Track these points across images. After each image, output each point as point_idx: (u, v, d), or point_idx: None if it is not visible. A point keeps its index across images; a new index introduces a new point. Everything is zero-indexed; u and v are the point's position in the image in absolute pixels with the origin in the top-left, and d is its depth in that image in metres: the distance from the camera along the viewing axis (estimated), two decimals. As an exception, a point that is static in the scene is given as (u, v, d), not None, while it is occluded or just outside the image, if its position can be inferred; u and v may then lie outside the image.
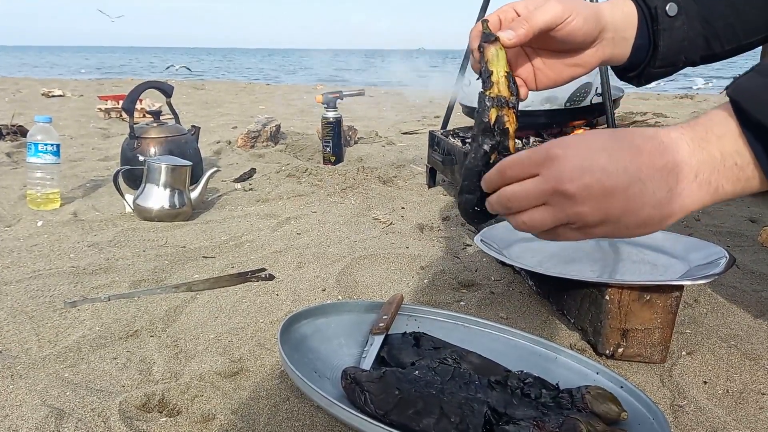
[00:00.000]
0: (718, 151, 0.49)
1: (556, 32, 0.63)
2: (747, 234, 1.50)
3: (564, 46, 0.66)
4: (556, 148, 0.52)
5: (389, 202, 1.82)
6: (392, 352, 0.83)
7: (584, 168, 0.50)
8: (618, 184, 0.50)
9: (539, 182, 0.53)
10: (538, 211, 0.54)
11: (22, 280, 1.20)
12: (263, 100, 5.34)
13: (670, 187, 0.50)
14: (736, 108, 0.49)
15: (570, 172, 0.50)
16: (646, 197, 0.50)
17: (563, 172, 0.51)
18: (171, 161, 1.64)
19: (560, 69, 0.68)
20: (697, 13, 0.68)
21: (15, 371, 0.87)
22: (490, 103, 0.61)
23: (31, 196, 1.75)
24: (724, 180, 0.50)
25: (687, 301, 1.09)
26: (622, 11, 0.68)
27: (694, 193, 0.50)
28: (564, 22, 0.62)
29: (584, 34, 0.64)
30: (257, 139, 2.67)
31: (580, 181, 0.50)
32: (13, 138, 2.81)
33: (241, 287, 1.18)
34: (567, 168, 0.51)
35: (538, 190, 0.53)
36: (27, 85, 6.76)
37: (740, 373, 0.88)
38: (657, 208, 0.50)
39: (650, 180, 0.50)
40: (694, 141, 0.50)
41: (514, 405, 0.69)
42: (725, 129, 0.50)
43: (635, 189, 0.50)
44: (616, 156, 0.50)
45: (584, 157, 0.50)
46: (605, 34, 0.66)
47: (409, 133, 3.26)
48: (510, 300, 1.11)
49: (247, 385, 0.85)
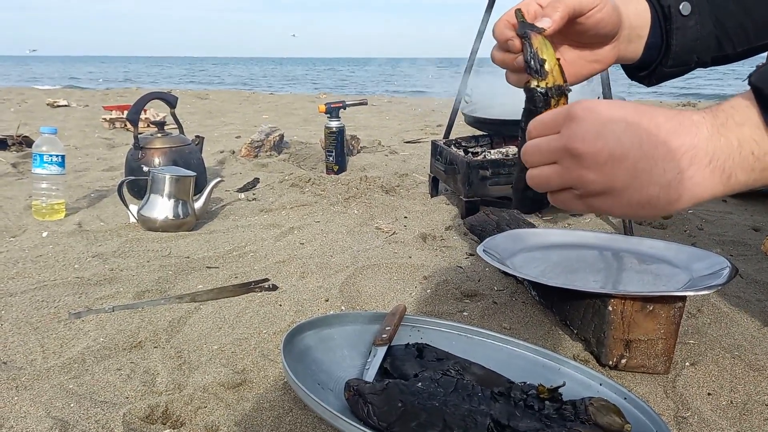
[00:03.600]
0: (736, 138, 0.49)
1: (587, 18, 0.61)
2: (750, 243, 1.50)
3: (590, 37, 0.64)
4: (578, 109, 0.51)
5: (392, 212, 1.82)
6: (395, 364, 0.83)
7: (599, 132, 0.49)
8: (628, 155, 0.49)
9: (554, 138, 0.52)
10: (546, 168, 0.53)
11: (27, 290, 1.21)
12: (266, 110, 5.36)
13: (681, 169, 0.49)
14: (759, 95, 0.49)
15: (584, 133, 0.50)
16: (654, 175, 0.49)
17: (577, 132, 0.50)
18: (175, 172, 1.65)
19: (581, 65, 0.67)
20: (709, 13, 0.68)
21: (20, 382, 0.87)
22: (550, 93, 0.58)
23: (36, 206, 1.76)
24: (738, 168, 0.49)
25: (690, 312, 1.09)
26: (635, 9, 0.68)
27: (706, 180, 0.49)
28: (596, 7, 0.61)
29: (613, 23, 0.64)
30: (261, 149, 2.69)
31: (591, 143, 0.49)
32: (18, 148, 2.83)
33: (244, 298, 1.18)
34: (582, 129, 0.50)
35: (551, 147, 0.52)
36: (32, 95, 6.81)
37: (744, 383, 0.87)
38: (664, 189, 0.49)
39: (662, 159, 0.49)
40: (713, 126, 0.49)
41: (518, 417, 0.69)
42: (746, 116, 0.49)
43: (644, 164, 0.49)
44: (634, 128, 0.49)
45: (603, 122, 0.50)
46: (622, 30, 0.66)
47: (412, 142, 3.27)
48: (513, 310, 1.11)
49: (250, 396, 0.85)
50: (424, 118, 4.60)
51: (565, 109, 0.52)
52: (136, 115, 1.88)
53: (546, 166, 0.53)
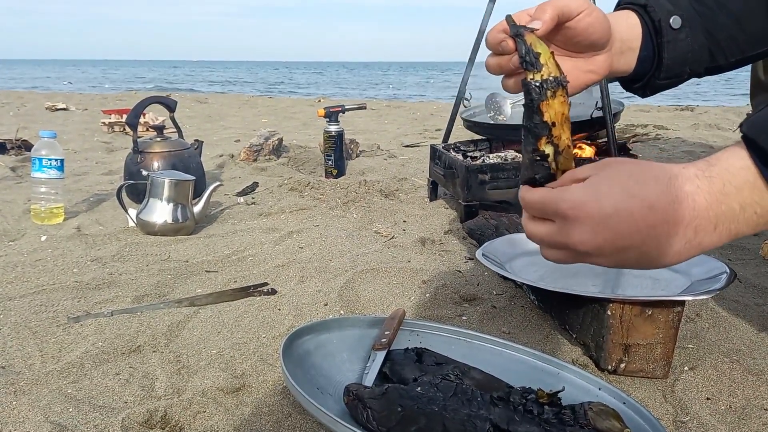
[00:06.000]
0: (738, 203, 0.50)
1: (577, 23, 0.62)
2: (749, 247, 1.50)
3: (581, 44, 0.65)
4: (567, 208, 0.53)
5: (391, 216, 1.82)
6: (395, 368, 0.83)
7: (595, 232, 0.52)
8: (631, 244, 0.52)
9: (554, 233, 0.55)
10: (556, 252, 0.56)
11: (26, 295, 1.21)
12: (265, 114, 5.37)
13: (688, 240, 0.51)
14: (752, 147, 0.50)
15: (580, 235, 0.52)
16: (661, 249, 0.52)
17: (574, 235, 0.53)
18: (174, 176, 1.65)
19: (577, 75, 0.67)
20: (700, 26, 0.69)
21: (18, 387, 0.87)
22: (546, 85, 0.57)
23: (35, 210, 1.76)
24: (743, 226, 0.51)
25: (689, 316, 1.09)
26: (626, 22, 0.68)
27: (714, 241, 0.52)
28: (584, 11, 0.62)
29: (602, 30, 0.64)
30: (260, 153, 2.69)
31: (591, 243, 0.52)
32: (17, 152, 2.83)
33: (243, 302, 1.18)
34: (578, 232, 0.52)
35: (554, 241, 0.55)
36: (31, 98, 6.81)
37: (743, 388, 0.87)
38: (675, 257, 0.52)
39: (665, 235, 0.51)
40: (711, 195, 0.51)
41: (517, 421, 0.69)
42: (743, 179, 0.50)
43: (649, 246, 0.52)
44: (628, 218, 0.51)
45: (595, 220, 0.52)
46: (614, 42, 0.67)
47: (411, 146, 3.27)
48: (512, 314, 1.12)
49: (249, 401, 0.85)
50: (422, 122, 4.61)
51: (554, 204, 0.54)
52: (136, 119, 1.88)
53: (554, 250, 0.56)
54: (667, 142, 3.25)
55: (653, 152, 2.86)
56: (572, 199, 0.53)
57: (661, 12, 0.68)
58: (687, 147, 3.02)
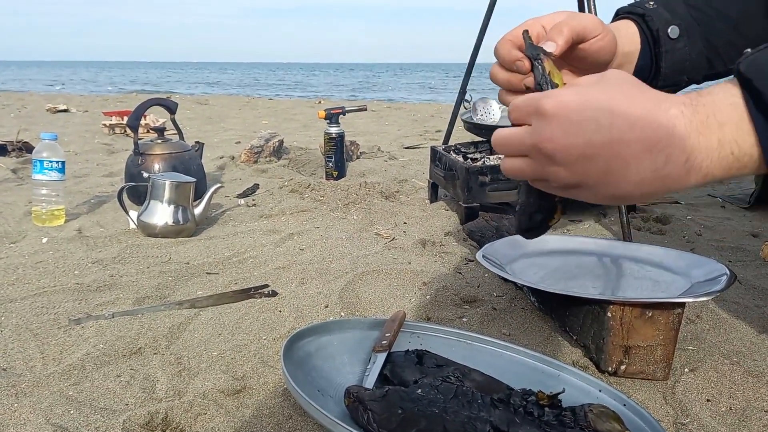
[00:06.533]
0: (717, 139, 0.47)
1: (590, 45, 0.61)
2: (749, 249, 1.50)
3: (589, 63, 0.64)
4: (548, 104, 0.50)
5: (391, 218, 1.83)
6: (395, 370, 0.83)
7: (568, 131, 0.48)
8: (599, 154, 0.48)
9: (525, 134, 0.52)
10: (518, 161, 0.53)
11: (27, 297, 1.21)
12: (266, 115, 5.37)
13: (656, 168, 0.48)
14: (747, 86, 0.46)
15: (552, 131, 0.49)
16: (627, 174, 0.48)
17: (545, 131, 0.49)
18: (175, 177, 1.66)
19: None
20: (698, 34, 0.69)
21: (19, 389, 0.87)
22: None
23: (36, 212, 1.76)
24: (715, 167, 0.48)
25: (689, 318, 1.09)
26: (626, 33, 0.69)
27: (681, 177, 0.48)
28: (599, 35, 0.61)
29: (612, 52, 0.64)
30: (260, 155, 2.69)
31: (560, 142, 0.49)
32: (18, 154, 2.83)
33: (244, 304, 1.19)
34: (551, 128, 0.49)
35: (521, 142, 0.52)
36: (32, 100, 6.82)
37: (743, 390, 0.87)
38: (638, 186, 0.49)
39: (634, 159, 0.48)
40: (692, 123, 0.47)
41: (517, 423, 0.69)
42: (728, 115, 0.47)
43: (616, 163, 0.48)
44: (606, 127, 0.48)
45: (572, 120, 0.48)
46: (616, 58, 0.67)
47: (411, 147, 3.28)
48: (512, 316, 1.12)
49: (250, 403, 0.85)
50: (423, 123, 4.61)
51: (535, 101, 0.51)
52: (136, 121, 1.89)
53: (517, 158, 0.53)
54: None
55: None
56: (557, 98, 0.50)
57: (659, 22, 0.68)
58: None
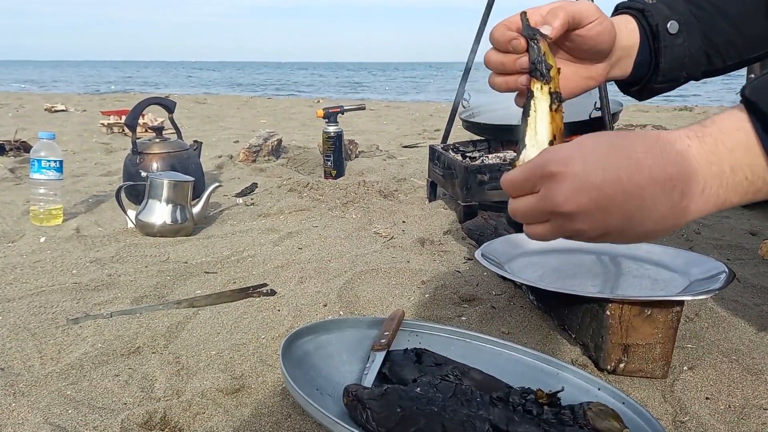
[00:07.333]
0: (729, 165, 0.48)
1: (588, 31, 0.62)
2: (747, 247, 1.51)
3: (588, 51, 0.64)
4: (553, 166, 0.51)
5: (390, 216, 1.82)
6: (394, 369, 0.83)
7: (580, 189, 0.49)
8: (615, 203, 0.49)
9: (538, 202, 0.52)
10: (541, 227, 0.54)
11: (25, 296, 1.21)
12: (264, 114, 5.37)
13: (675, 203, 0.49)
14: (753, 110, 0.47)
15: (566, 193, 0.50)
16: (646, 213, 0.49)
17: (559, 194, 0.50)
18: (173, 177, 1.65)
19: (576, 81, 0.68)
20: (698, 30, 0.69)
21: (17, 389, 0.87)
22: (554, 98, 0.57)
23: (34, 212, 1.75)
24: (731, 193, 0.49)
25: (688, 316, 1.09)
26: (626, 27, 0.69)
27: (700, 207, 0.49)
28: (596, 20, 0.62)
29: (610, 40, 0.64)
30: (259, 154, 2.69)
31: (576, 201, 0.50)
32: (16, 153, 2.83)
33: (242, 303, 1.18)
34: (563, 189, 0.50)
35: (538, 210, 0.53)
36: (30, 100, 6.81)
37: (742, 388, 0.87)
38: (660, 222, 0.50)
39: (651, 197, 0.49)
40: (701, 155, 0.48)
41: (516, 422, 0.69)
42: (736, 140, 0.48)
43: (633, 205, 0.49)
44: (613, 174, 0.49)
45: (580, 176, 0.50)
46: (615, 51, 0.67)
47: (410, 146, 3.28)
48: (511, 315, 1.12)
49: (248, 402, 0.85)
50: (421, 122, 4.61)
51: (539, 167, 0.52)
52: (135, 120, 1.88)
53: (538, 224, 0.54)
54: (666, 142, 3.25)
55: (652, 152, 2.86)
56: (557, 157, 0.51)
57: (659, 17, 0.68)
58: (686, 147, 3.02)
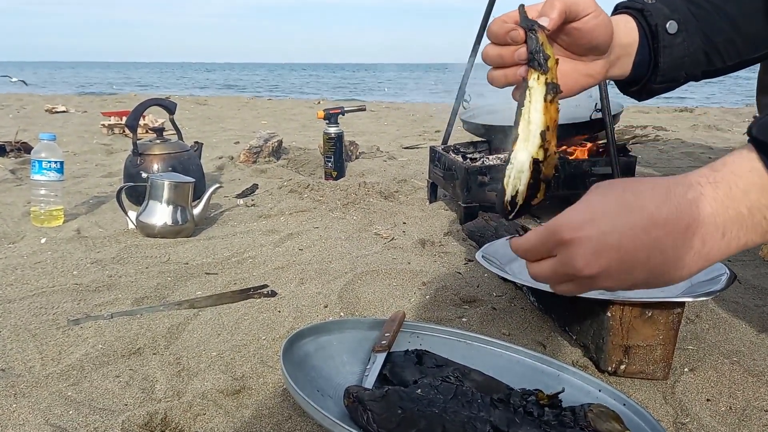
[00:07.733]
0: (746, 207, 0.48)
1: (584, 24, 0.62)
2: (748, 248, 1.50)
3: (585, 47, 0.65)
4: (566, 233, 0.51)
5: (391, 218, 1.82)
6: (395, 370, 0.83)
7: (598, 251, 0.50)
8: (637, 260, 0.49)
9: (559, 267, 0.53)
10: (566, 286, 0.55)
11: (26, 297, 1.21)
12: (265, 115, 5.37)
13: (696, 250, 0.49)
14: (763, 149, 0.48)
15: (584, 257, 0.50)
16: (670, 264, 0.50)
17: (578, 259, 0.50)
18: (174, 178, 1.65)
19: (575, 78, 0.68)
20: (697, 29, 0.69)
21: (18, 390, 0.87)
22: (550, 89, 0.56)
23: (34, 212, 1.76)
24: (752, 234, 0.49)
25: (689, 317, 1.09)
26: (624, 26, 0.69)
27: (723, 251, 0.50)
28: (592, 13, 0.62)
29: (607, 35, 0.64)
30: (259, 155, 2.69)
31: (596, 264, 0.50)
32: (17, 155, 2.83)
33: (243, 304, 1.18)
34: (580, 254, 0.50)
35: (560, 274, 0.53)
36: (30, 101, 6.81)
37: (743, 389, 0.87)
38: (685, 270, 0.50)
39: (671, 248, 0.49)
40: (716, 200, 0.48)
41: (517, 423, 0.69)
42: (750, 182, 0.48)
43: (656, 260, 0.49)
44: (629, 233, 0.49)
45: (596, 239, 0.50)
46: (613, 48, 0.67)
47: (410, 147, 3.28)
48: (512, 316, 1.12)
49: (249, 403, 0.85)
50: (422, 123, 4.61)
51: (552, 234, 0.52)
52: (135, 122, 1.88)
53: (563, 284, 0.55)
54: (667, 143, 3.26)
55: (652, 153, 2.86)
56: (569, 223, 0.51)
57: (658, 17, 0.68)
58: (686, 148, 3.02)
